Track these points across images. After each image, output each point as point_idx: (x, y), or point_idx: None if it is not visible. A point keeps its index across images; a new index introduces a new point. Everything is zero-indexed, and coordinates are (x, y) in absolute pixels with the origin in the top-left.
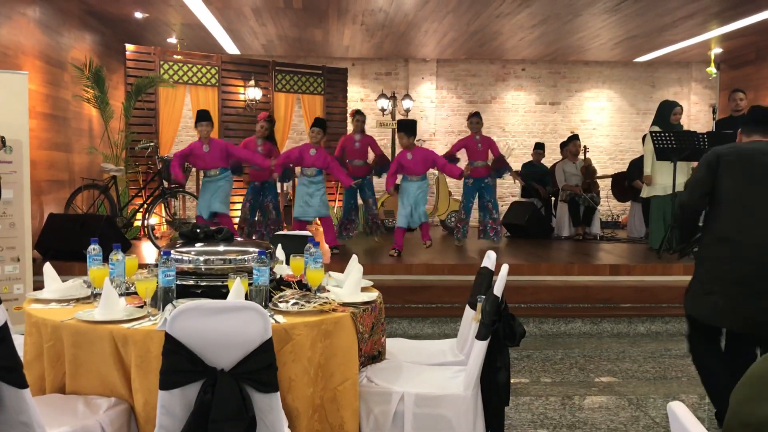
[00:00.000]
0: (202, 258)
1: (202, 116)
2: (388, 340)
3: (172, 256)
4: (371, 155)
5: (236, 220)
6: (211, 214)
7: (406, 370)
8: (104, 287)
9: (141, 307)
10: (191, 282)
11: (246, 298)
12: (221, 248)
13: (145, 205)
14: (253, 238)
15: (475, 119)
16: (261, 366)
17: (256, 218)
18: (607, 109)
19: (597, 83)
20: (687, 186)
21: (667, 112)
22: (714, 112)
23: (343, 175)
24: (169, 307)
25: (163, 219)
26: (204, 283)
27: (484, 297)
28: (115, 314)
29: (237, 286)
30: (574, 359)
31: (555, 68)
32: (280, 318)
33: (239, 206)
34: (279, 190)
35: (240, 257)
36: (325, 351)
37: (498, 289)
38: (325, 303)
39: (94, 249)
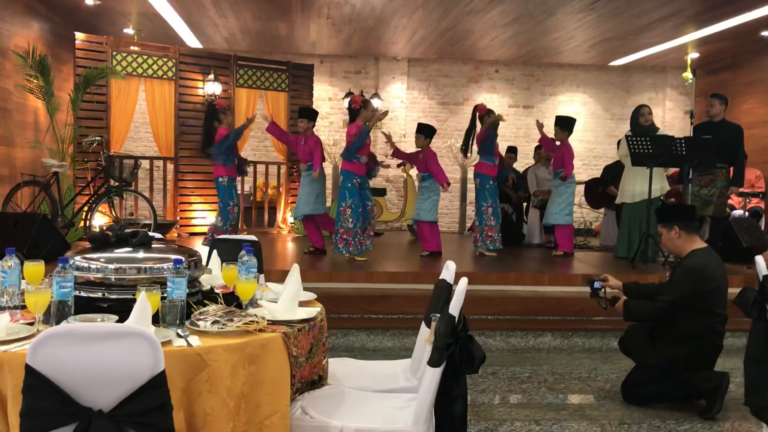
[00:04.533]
0: (112, 266)
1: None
2: (333, 361)
3: (75, 263)
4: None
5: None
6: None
7: (348, 398)
8: None
9: (31, 324)
10: (99, 294)
11: (157, 316)
12: (136, 255)
13: (89, 205)
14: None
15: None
16: (150, 406)
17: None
18: (581, 113)
19: (571, 87)
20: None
21: (636, 116)
22: (692, 116)
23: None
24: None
25: (112, 220)
26: (114, 296)
27: (438, 315)
28: None
29: (141, 303)
30: (543, 377)
31: (529, 70)
32: (194, 340)
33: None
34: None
35: (157, 266)
36: (250, 379)
37: (454, 308)
38: (252, 322)
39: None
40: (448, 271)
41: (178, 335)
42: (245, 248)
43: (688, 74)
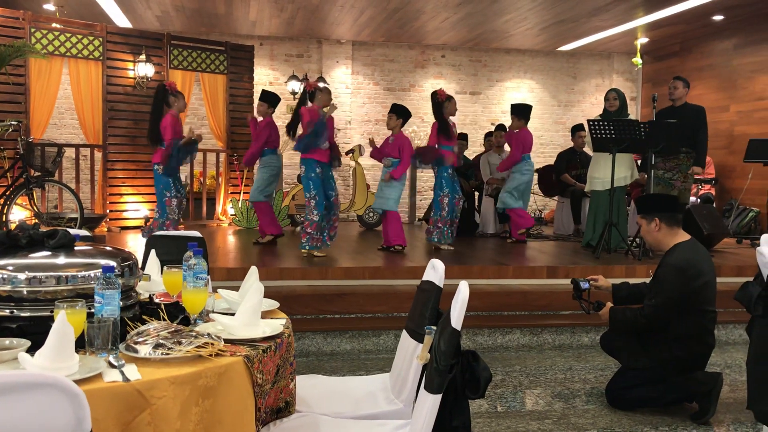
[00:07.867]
0: (22, 276)
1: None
2: (301, 378)
3: None
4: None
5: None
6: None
7: (323, 429)
8: None
9: None
10: (6, 312)
11: (83, 339)
12: (55, 260)
13: (5, 197)
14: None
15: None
16: None
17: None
18: (528, 100)
19: (518, 73)
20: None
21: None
22: (654, 100)
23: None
24: None
25: (33, 214)
26: (26, 314)
27: (433, 328)
28: None
29: (59, 325)
30: (517, 379)
31: (476, 56)
32: (131, 371)
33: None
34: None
35: (82, 274)
36: (205, 417)
37: (457, 320)
38: (206, 344)
39: None
40: (435, 271)
41: (110, 365)
42: (192, 248)
43: (638, 59)
